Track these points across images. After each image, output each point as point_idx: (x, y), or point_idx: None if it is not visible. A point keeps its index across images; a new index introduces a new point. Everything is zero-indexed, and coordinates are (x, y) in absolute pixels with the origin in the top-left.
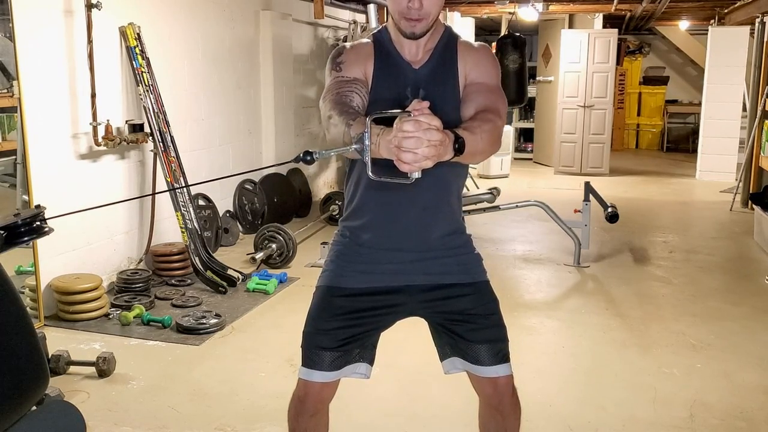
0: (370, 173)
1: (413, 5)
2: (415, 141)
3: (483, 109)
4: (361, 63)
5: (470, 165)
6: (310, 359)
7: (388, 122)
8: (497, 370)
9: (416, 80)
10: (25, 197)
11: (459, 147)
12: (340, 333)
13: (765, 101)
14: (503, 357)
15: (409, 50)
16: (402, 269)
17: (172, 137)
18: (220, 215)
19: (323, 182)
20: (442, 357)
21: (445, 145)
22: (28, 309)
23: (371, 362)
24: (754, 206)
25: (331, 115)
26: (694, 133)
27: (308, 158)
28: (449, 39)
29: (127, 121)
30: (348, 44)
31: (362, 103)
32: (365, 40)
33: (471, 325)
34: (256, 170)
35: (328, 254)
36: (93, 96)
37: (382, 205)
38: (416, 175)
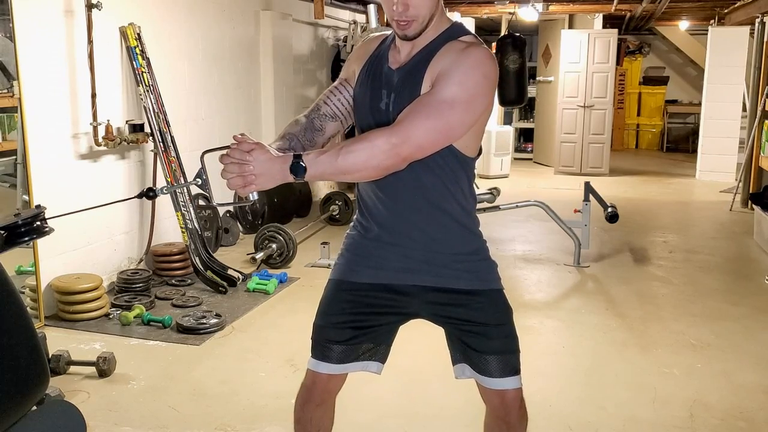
0: (213, 202)
1: (397, 9)
2: (225, 174)
3: (394, 123)
4: (356, 63)
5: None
6: (319, 351)
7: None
8: (505, 383)
9: (390, 83)
10: (26, 197)
11: (294, 170)
12: (349, 327)
13: (765, 101)
14: (512, 369)
15: (402, 50)
16: (411, 267)
17: (172, 137)
18: (221, 215)
19: (323, 182)
20: (454, 362)
21: (277, 169)
22: (28, 309)
23: (383, 361)
24: (753, 206)
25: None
26: (694, 133)
27: (151, 194)
28: (443, 40)
29: (127, 121)
30: (372, 36)
31: (333, 110)
32: (378, 34)
33: (481, 336)
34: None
35: (342, 246)
36: (93, 96)
37: (387, 201)
38: (253, 196)
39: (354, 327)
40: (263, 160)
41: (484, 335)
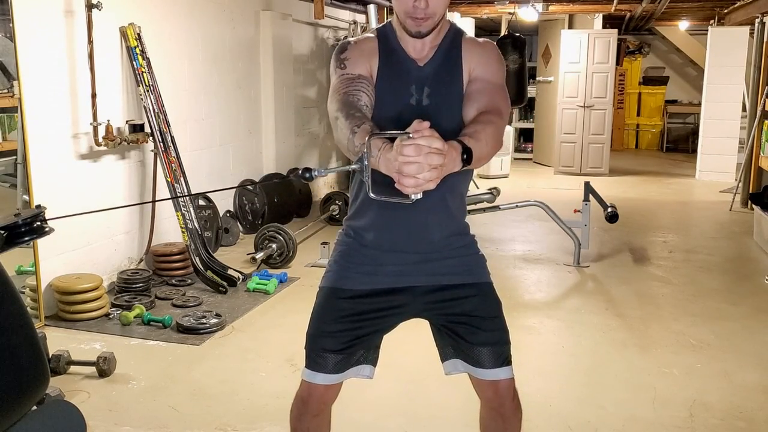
0: (370, 193)
1: (419, 4)
2: (417, 167)
3: (484, 110)
4: (365, 60)
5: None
6: (313, 361)
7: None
8: (498, 373)
9: (421, 78)
10: (26, 197)
11: (467, 158)
12: (344, 335)
13: (765, 101)
14: (505, 360)
15: (414, 47)
16: (405, 270)
17: (172, 137)
18: (221, 215)
19: (323, 182)
20: (444, 358)
21: (452, 158)
22: (28, 309)
23: (374, 363)
24: (753, 206)
25: (338, 116)
26: (694, 133)
27: (307, 175)
28: (454, 36)
29: (127, 121)
30: (352, 39)
31: (370, 101)
32: (369, 35)
33: (473, 328)
34: (254, 184)
35: (332, 254)
36: (93, 96)
37: (387, 206)
38: (418, 196)
39: (350, 335)
40: (447, 150)
41: (477, 327)
